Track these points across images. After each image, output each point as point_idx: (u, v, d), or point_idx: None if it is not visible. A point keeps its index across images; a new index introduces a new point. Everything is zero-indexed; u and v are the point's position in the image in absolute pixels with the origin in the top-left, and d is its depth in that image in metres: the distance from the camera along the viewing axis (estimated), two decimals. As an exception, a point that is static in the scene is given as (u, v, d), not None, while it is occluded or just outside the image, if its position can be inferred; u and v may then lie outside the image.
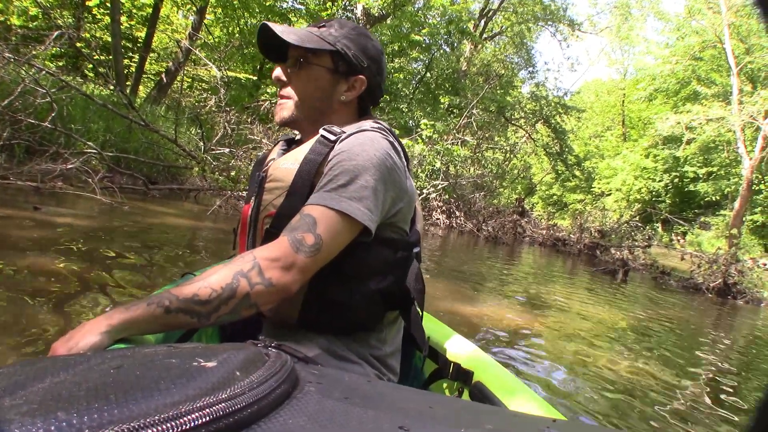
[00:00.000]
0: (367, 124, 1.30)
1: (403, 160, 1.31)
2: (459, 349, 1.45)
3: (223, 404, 0.54)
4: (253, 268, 1.04)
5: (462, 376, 1.34)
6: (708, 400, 3.55)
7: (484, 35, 26.81)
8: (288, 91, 1.33)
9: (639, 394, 3.41)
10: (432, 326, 1.60)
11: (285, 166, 1.27)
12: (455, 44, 23.68)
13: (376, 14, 18.52)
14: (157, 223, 6.39)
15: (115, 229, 5.35)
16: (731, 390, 3.93)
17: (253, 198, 1.35)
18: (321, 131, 1.25)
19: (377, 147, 1.18)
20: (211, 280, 1.01)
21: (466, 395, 1.32)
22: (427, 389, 1.46)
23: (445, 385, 1.44)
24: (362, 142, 1.17)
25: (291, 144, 1.45)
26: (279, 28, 1.23)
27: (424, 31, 20.36)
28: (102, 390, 0.52)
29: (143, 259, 4.33)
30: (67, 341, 0.91)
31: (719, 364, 4.76)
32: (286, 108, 1.33)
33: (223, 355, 0.67)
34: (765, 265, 15.19)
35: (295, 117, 1.33)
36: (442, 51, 23.46)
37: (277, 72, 1.32)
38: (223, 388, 0.57)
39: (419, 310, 1.36)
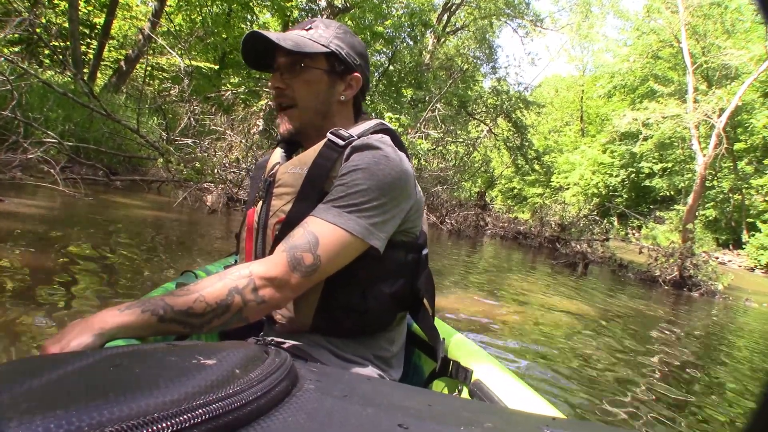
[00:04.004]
0: (372, 125, 1.32)
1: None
2: (458, 347, 1.46)
3: (222, 402, 0.54)
4: (248, 285, 1.05)
5: (461, 374, 1.34)
6: (676, 388, 3.66)
7: (447, 29, 26.90)
8: (288, 98, 1.31)
9: (604, 383, 3.49)
10: None
11: (293, 170, 1.27)
12: (418, 37, 23.67)
13: (340, 6, 18.41)
14: (122, 214, 6.26)
15: (80, 221, 5.23)
16: (698, 377, 4.07)
17: (260, 202, 1.35)
18: (328, 135, 1.24)
19: (392, 166, 1.17)
20: (206, 294, 1.02)
21: (465, 393, 1.32)
22: (426, 387, 1.47)
23: (444, 383, 1.44)
24: (378, 161, 1.16)
25: (291, 145, 1.44)
26: (273, 36, 1.21)
27: (387, 22, 20.34)
28: (101, 388, 0.52)
29: (110, 251, 4.25)
30: (58, 341, 0.89)
31: (684, 352, 4.90)
32: (291, 117, 1.32)
33: (223, 353, 0.67)
34: (718, 258, 15.64)
35: (301, 125, 1.32)
36: (405, 44, 23.44)
37: (275, 81, 1.31)
38: (223, 385, 0.57)
39: (429, 309, 1.38)
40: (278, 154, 1.44)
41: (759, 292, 14.66)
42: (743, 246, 26.79)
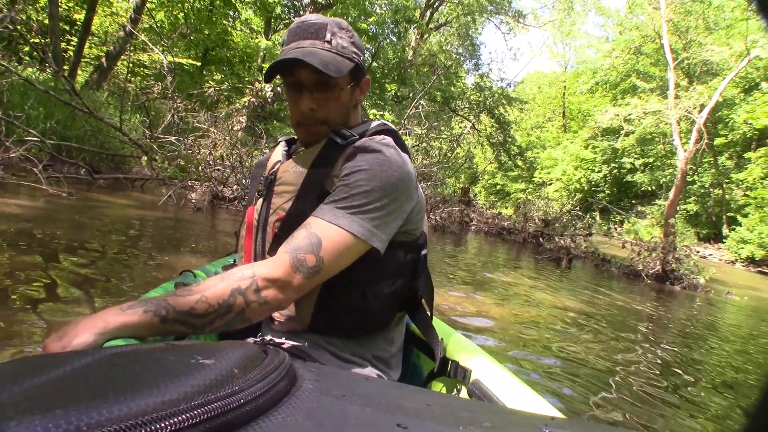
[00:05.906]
0: (375, 126, 1.32)
1: None
2: (457, 346, 1.45)
3: (220, 402, 0.54)
4: (250, 286, 1.05)
5: (460, 373, 1.34)
6: (663, 382, 3.70)
7: (430, 26, 26.89)
8: (319, 119, 1.28)
9: (599, 379, 3.52)
10: None
11: (294, 169, 1.27)
12: (401, 34, 23.65)
13: (323, 2, 18.34)
14: (106, 213, 6.19)
15: (64, 220, 5.16)
16: (688, 371, 4.13)
17: (261, 200, 1.34)
18: (329, 134, 1.25)
19: (395, 167, 1.17)
20: (209, 295, 1.02)
21: (464, 393, 1.32)
22: (425, 387, 1.46)
23: (443, 383, 1.44)
24: (381, 163, 1.16)
25: (292, 143, 1.44)
26: (317, 62, 1.17)
27: (370, 19, 20.29)
28: (101, 388, 0.52)
29: (95, 250, 4.21)
30: (59, 339, 0.89)
31: (672, 346, 4.96)
32: (318, 131, 1.29)
33: (222, 353, 0.67)
34: (699, 252, 15.82)
35: (325, 135, 1.29)
36: (388, 40, 23.40)
37: (307, 102, 1.25)
38: (221, 385, 0.57)
39: (428, 310, 1.39)
40: (279, 152, 1.43)
41: (740, 285, 14.85)
42: (724, 240, 27.05)
